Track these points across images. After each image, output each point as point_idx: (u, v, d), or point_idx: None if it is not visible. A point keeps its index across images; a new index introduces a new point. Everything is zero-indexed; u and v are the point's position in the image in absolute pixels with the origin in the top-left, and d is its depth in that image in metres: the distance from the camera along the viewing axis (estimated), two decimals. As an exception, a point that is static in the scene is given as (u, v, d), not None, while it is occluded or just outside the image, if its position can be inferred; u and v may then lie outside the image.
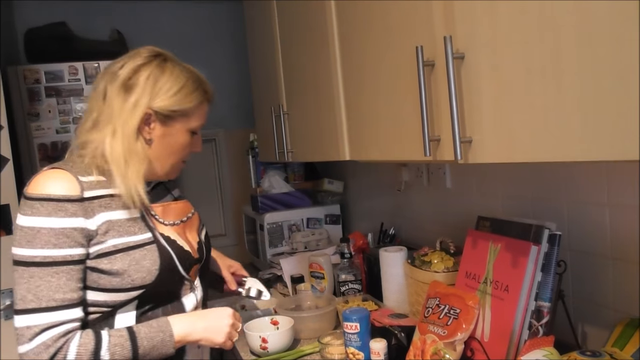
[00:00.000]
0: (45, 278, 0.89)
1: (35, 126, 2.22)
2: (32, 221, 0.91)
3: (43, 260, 0.90)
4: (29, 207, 0.92)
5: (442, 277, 1.25)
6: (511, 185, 1.29)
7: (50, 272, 0.90)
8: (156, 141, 1.03)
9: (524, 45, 0.71)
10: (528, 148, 0.73)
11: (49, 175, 0.95)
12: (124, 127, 0.98)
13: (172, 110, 1.01)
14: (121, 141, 0.98)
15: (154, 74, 1.00)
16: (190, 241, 1.11)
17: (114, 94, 0.99)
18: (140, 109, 0.98)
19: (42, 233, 0.90)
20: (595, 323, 1.10)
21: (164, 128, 1.02)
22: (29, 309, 0.89)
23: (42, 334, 0.88)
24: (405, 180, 1.74)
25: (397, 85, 1.04)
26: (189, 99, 1.03)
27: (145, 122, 1.00)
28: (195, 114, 1.05)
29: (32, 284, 0.89)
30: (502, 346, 1.02)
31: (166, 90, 1.00)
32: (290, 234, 2.17)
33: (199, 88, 1.06)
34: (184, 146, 1.06)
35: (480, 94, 0.81)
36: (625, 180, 1.00)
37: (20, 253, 0.90)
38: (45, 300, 0.89)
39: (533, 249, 1.02)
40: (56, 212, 0.91)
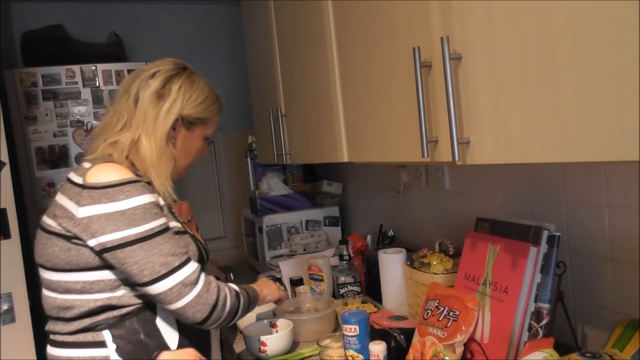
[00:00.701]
0: (171, 241, 1.01)
1: (33, 130, 2.22)
2: (132, 202, 0.98)
3: (160, 228, 1.00)
4: (118, 192, 0.98)
5: (442, 278, 1.24)
6: (510, 187, 1.29)
7: (169, 235, 1.01)
8: (178, 144, 1.15)
9: (520, 46, 0.71)
10: (525, 149, 0.73)
11: (111, 165, 1.04)
12: (158, 130, 1.10)
13: (196, 118, 1.15)
14: (155, 142, 1.09)
15: (185, 85, 1.13)
16: (200, 240, 1.20)
17: (147, 100, 1.10)
18: (172, 115, 1.11)
19: (148, 208, 0.99)
20: (594, 324, 1.09)
21: (187, 133, 1.15)
22: (183, 261, 1.00)
23: (202, 275, 1.02)
24: (404, 182, 1.73)
25: (394, 87, 1.03)
26: (210, 109, 1.17)
27: (172, 126, 1.12)
28: (212, 122, 1.20)
29: (166, 248, 0.99)
30: (502, 348, 1.02)
31: (194, 100, 1.14)
32: (289, 236, 2.16)
33: (218, 100, 1.20)
34: (197, 150, 1.19)
35: (478, 94, 0.80)
36: (624, 181, 0.99)
37: (137, 231, 0.97)
38: (182, 254, 1.01)
39: (532, 250, 1.01)
40: (144, 190, 1.01)
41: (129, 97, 1.11)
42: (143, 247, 0.97)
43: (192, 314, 1.00)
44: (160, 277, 0.97)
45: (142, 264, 0.97)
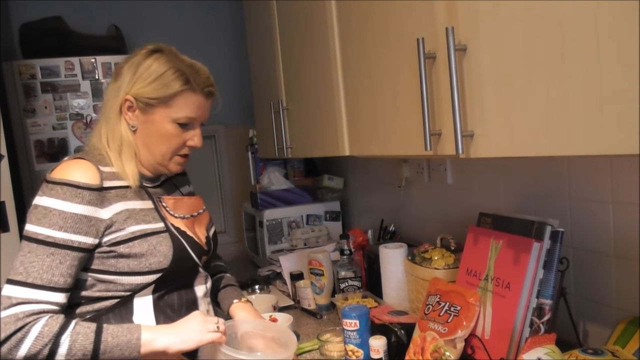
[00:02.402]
0: (41, 256, 0.93)
1: (31, 122, 2.20)
2: (47, 201, 0.95)
3: (45, 239, 0.93)
4: (48, 189, 0.96)
5: (443, 274, 1.24)
6: (513, 181, 1.28)
7: (47, 251, 0.93)
8: (140, 128, 1.07)
9: (527, 37, 0.70)
10: (531, 142, 0.72)
11: (73, 163, 1.01)
12: (110, 112, 1.06)
13: (149, 98, 1.03)
14: (110, 126, 1.06)
15: (136, 62, 1.05)
16: (199, 235, 1.15)
17: (110, 82, 1.10)
18: (120, 95, 1.05)
19: (53, 214, 0.94)
20: (596, 321, 1.08)
21: (145, 116, 1.05)
22: (16, 280, 0.92)
23: (18, 306, 0.90)
24: (405, 177, 1.72)
25: (397, 79, 1.02)
26: (165, 88, 1.03)
27: (129, 108, 1.05)
28: (176, 103, 1.04)
29: (27, 258, 0.93)
30: (503, 344, 1.01)
31: (144, 79, 1.04)
32: (289, 231, 2.15)
33: (181, 77, 1.04)
34: (168, 136, 1.06)
35: (483, 86, 0.79)
36: (629, 177, 0.98)
37: (27, 228, 0.95)
38: (32, 276, 0.92)
39: (535, 245, 1.00)
40: (72, 197, 0.95)
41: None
42: (22, 245, 0.95)
43: None
44: (7, 279, 0.93)
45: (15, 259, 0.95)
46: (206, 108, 1.10)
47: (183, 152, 1.10)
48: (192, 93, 1.05)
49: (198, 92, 1.06)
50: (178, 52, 1.09)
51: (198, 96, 1.06)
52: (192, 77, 1.05)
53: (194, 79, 1.05)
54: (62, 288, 0.94)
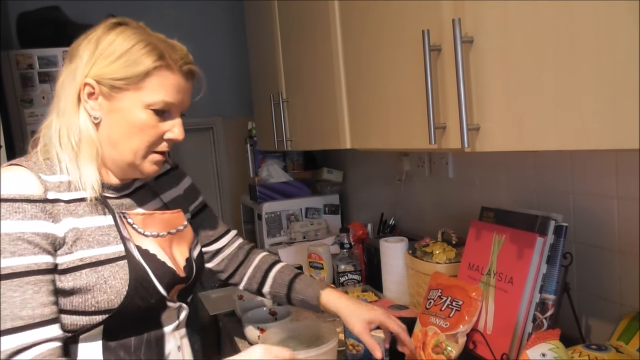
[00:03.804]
0: (7, 294, 0.74)
1: (29, 112, 2.18)
2: None
3: (5, 272, 0.74)
4: None
5: (444, 268, 1.23)
6: (515, 175, 1.27)
7: (11, 286, 0.74)
8: (105, 119, 0.85)
9: (536, 29, 0.68)
10: (540, 136, 0.70)
11: (4, 172, 0.81)
12: (65, 102, 0.84)
13: (114, 79, 0.82)
14: (64, 119, 0.84)
15: (95, 38, 0.84)
16: (176, 257, 0.94)
17: (64, 66, 0.87)
18: (78, 78, 0.83)
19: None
20: (600, 316, 1.08)
21: (111, 102, 0.84)
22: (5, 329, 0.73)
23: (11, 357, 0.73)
24: (406, 170, 1.71)
25: (401, 71, 1.01)
26: (134, 65, 0.83)
27: (89, 95, 0.84)
28: (149, 84, 0.84)
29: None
30: (506, 339, 1.00)
31: (106, 56, 0.83)
32: (288, 224, 2.14)
33: (153, 52, 0.84)
34: (141, 127, 0.85)
35: (489, 79, 0.78)
36: (634, 172, 0.97)
37: None
38: (10, 319, 0.73)
39: (539, 240, 0.99)
40: (11, 214, 0.76)
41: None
42: None
43: None
44: None
45: None
46: (186, 92, 0.89)
47: (160, 148, 0.88)
48: (169, 71, 0.85)
49: (175, 70, 0.86)
50: (147, 28, 0.89)
51: (176, 75, 0.86)
52: (167, 52, 0.85)
53: (170, 55, 0.85)
54: (51, 319, 0.78)
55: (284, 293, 1.12)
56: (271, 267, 1.16)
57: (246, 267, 1.18)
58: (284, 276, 1.13)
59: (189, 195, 1.10)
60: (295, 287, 1.11)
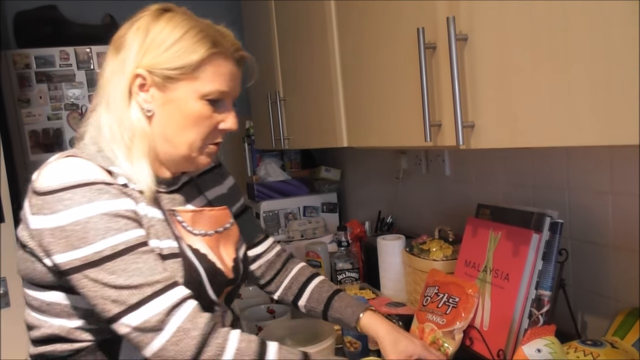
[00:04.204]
0: (132, 267, 0.72)
1: (26, 112, 2.18)
2: (71, 215, 0.71)
3: (113, 251, 0.72)
4: (56, 202, 0.72)
5: (441, 265, 1.23)
6: (511, 173, 1.27)
7: (132, 259, 0.73)
8: (158, 112, 0.81)
9: (530, 27, 0.69)
10: (534, 132, 0.71)
11: (64, 162, 0.76)
12: (114, 95, 0.80)
13: (168, 68, 0.79)
14: (115, 114, 0.80)
15: (144, 26, 0.80)
16: (224, 257, 0.90)
17: (108, 57, 0.83)
18: (128, 69, 0.79)
19: (94, 222, 0.71)
20: (595, 312, 1.09)
21: (165, 94, 0.80)
22: (134, 304, 0.71)
23: (172, 316, 0.72)
24: (403, 168, 1.71)
25: (397, 69, 1.01)
26: (189, 52, 0.79)
27: (140, 87, 0.80)
28: (204, 73, 0.81)
29: (117, 280, 0.71)
30: (502, 335, 1.01)
31: (159, 44, 0.79)
32: (286, 223, 2.15)
33: (206, 38, 0.80)
34: (196, 118, 0.82)
35: (484, 77, 0.78)
36: (629, 167, 0.98)
37: (80, 255, 0.71)
38: (148, 286, 0.72)
39: (534, 237, 1.00)
40: (98, 195, 0.73)
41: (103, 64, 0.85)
42: (90, 276, 0.71)
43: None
44: (112, 317, 0.72)
45: (91, 297, 0.72)
46: (238, 79, 0.86)
47: (215, 139, 0.87)
48: (222, 59, 0.82)
49: (228, 57, 0.83)
50: (193, 13, 0.85)
51: (229, 63, 0.84)
52: (219, 39, 0.82)
53: (222, 42, 0.83)
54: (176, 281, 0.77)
55: (320, 309, 1.05)
56: (309, 281, 1.09)
57: (283, 277, 1.11)
58: (322, 292, 1.06)
59: (232, 195, 1.07)
60: (334, 305, 1.04)
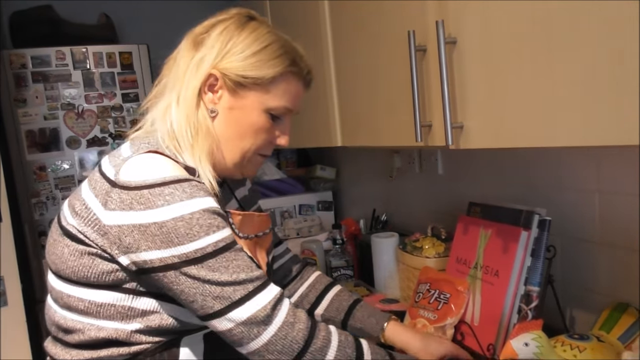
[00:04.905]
0: (232, 264, 0.73)
1: (23, 112, 2.19)
2: (175, 210, 0.70)
3: (215, 247, 0.72)
4: (156, 197, 0.70)
5: (433, 262, 1.26)
6: (502, 171, 1.30)
7: (231, 256, 0.73)
8: (222, 114, 0.82)
9: (516, 31, 0.71)
10: (519, 133, 0.73)
11: (154, 158, 0.76)
12: (186, 90, 0.81)
13: (243, 76, 0.80)
14: (183, 108, 0.80)
15: (229, 30, 0.82)
16: (260, 262, 0.90)
17: (184, 51, 0.83)
18: (204, 68, 0.80)
19: (197, 218, 0.71)
20: (583, 307, 1.11)
21: (233, 99, 0.82)
22: (248, 292, 0.73)
23: (277, 310, 0.74)
24: (397, 167, 1.74)
25: (389, 71, 1.03)
26: (268, 65, 0.81)
27: (210, 87, 0.82)
28: (276, 89, 0.82)
29: (221, 276, 0.72)
30: (492, 330, 1.03)
31: (240, 50, 0.81)
32: (282, 221, 2.17)
33: (286, 56, 0.83)
34: (256, 129, 0.83)
35: (472, 79, 0.80)
36: (614, 166, 1.00)
37: (179, 252, 0.70)
38: (249, 282, 0.73)
39: (523, 234, 1.02)
40: (197, 191, 0.73)
41: (172, 57, 0.86)
42: (190, 273, 0.71)
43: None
44: (214, 314, 0.73)
45: (189, 294, 0.72)
46: (301, 100, 0.89)
47: (265, 151, 0.87)
48: (296, 78, 0.85)
49: (301, 78, 0.86)
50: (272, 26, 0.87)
51: (299, 83, 0.86)
52: (298, 57, 0.85)
53: (300, 61, 0.85)
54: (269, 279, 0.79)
55: (340, 318, 1.04)
56: (327, 289, 1.08)
57: (299, 284, 1.10)
58: (342, 301, 1.06)
59: (253, 197, 1.07)
60: (355, 315, 1.03)
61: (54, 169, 2.23)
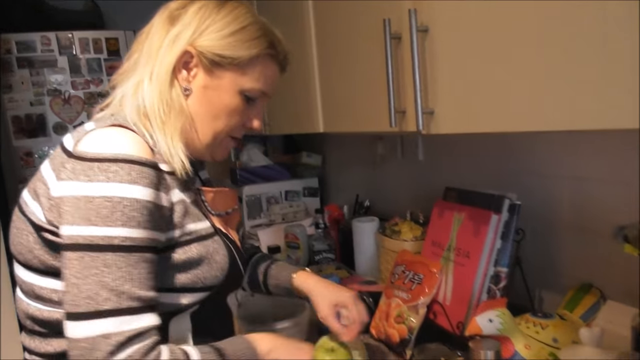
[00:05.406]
0: (126, 269, 0.67)
1: (8, 98, 2.19)
2: (109, 188, 0.67)
3: (122, 242, 0.67)
4: (102, 170, 0.67)
5: (411, 245, 1.30)
6: (479, 157, 1.34)
7: (131, 260, 0.67)
8: (195, 93, 0.80)
9: (483, 19, 0.74)
10: (486, 119, 0.76)
11: (118, 131, 0.72)
12: (159, 67, 0.78)
13: (220, 55, 0.78)
14: (156, 85, 0.78)
15: (207, 7, 0.79)
16: (233, 238, 0.90)
17: (158, 26, 0.80)
18: (179, 44, 0.78)
19: (125, 205, 0.67)
20: (551, 288, 1.16)
21: (208, 78, 0.80)
22: (104, 310, 0.65)
23: (129, 345, 0.66)
24: (380, 154, 1.77)
25: (368, 59, 1.06)
26: (246, 46, 0.79)
27: (184, 64, 0.79)
28: (252, 70, 0.81)
29: (106, 275, 0.65)
30: (462, 308, 1.08)
31: (218, 29, 0.78)
32: (268, 207, 2.20)
33: (265, 37, 0.81)
34: (230, 110, 0.82)
35: (443, 67, 0.83)
36: (584, 153, 1.04)
37: (89, 233, 0.66)
38: (126, 298, 0.66)
39: (493, 217, 1.07)
40: (142, 179, 0.69)
41: (144, 32, 0.82)
42: (83, 260, 0.66)
43: None
44: (75, 314, 0.65)
45: (69, 282, 0.66)
46: (277, 84, 0.88)
47: (237, 134, 0.86)
48: (272, 61, 0.84)
49: (277, 61, 0.85)
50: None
51: (276, 67, 0.85)
52: (275, 39, 0.83)
53: (277, 44, 0.84)
54: (156, 305, 0.71)
55: (261, 280, 1.08)
56: (250, 258, 1.12)
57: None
58: (260, 266, 1.10)
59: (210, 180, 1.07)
60: (271, 273, 1.08)
61: (41, 154, 2.24)
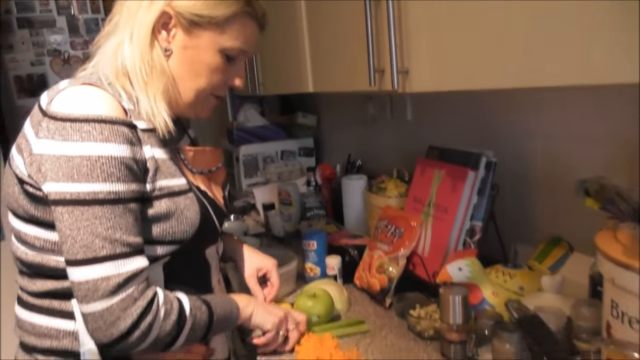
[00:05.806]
0: (114, 220, 0.73)
1: (10, 58, 2.22)
2: (85, 148, 0.71)
3: (107, 196, 0.72)
4: (74, 131, 0.71)
5: (395, 201, 1.36)
6: (460, 116, 1.38)
7: (118, 211, 0.73)
8: (176, 53, 0.83)
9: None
10: (458, 77, 0.80)
11: (87, 90, 0.75)
12: (139, 29, 0.80)
13: (197, 15, 0.80)
14: (136, 46, 0.80)
15: None
16: (217, 196, 0.95)
17: None
18: (157, 5, 0.80)
19: (103, 163, 0.72)
20: (524, 241, 1.22)
21: (187, 38, 0.82)
22: (101, 257, 0.71)
23: (127, 285, 0.73)
24: (371, 114, 1.81)
25: (350, 20, 1.09)
26: (223, 5, 0.81)
27: (163, 25, 0.82)
28: (231, 29, 0.83)
29: (98, 226, 0.71)
30: (439, 260, 1.14)
31: None
32: (264, 166, 2.25)
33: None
34: (211, 68, 0.84)
35: (417, 27, 0.87)
36: (557, 111, 1.08)
37: (74, 189, 0.71)
38: (119, 244, 0.73)
39: (470, 174, 1.11)
40: (115, 136, 0.73)
41: None
42: (74, 213, 0.71)
43: (92, 330, 0.73)
44: (75, 261, 0.72)
45: (64, 234, 0.72)
46: (257, 43, 0.90)
47: (219, 92, 0.89)
48: (251, 20, 0.86)
49: (256, 20, 0.87)
50: None
51: (255, 25, 0.87)
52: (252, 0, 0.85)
53: (254, 3, 0.85)
54: (143, 249, 0.77)
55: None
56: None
57: None
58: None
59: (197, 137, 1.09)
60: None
61: (43, 114, 2.28)
